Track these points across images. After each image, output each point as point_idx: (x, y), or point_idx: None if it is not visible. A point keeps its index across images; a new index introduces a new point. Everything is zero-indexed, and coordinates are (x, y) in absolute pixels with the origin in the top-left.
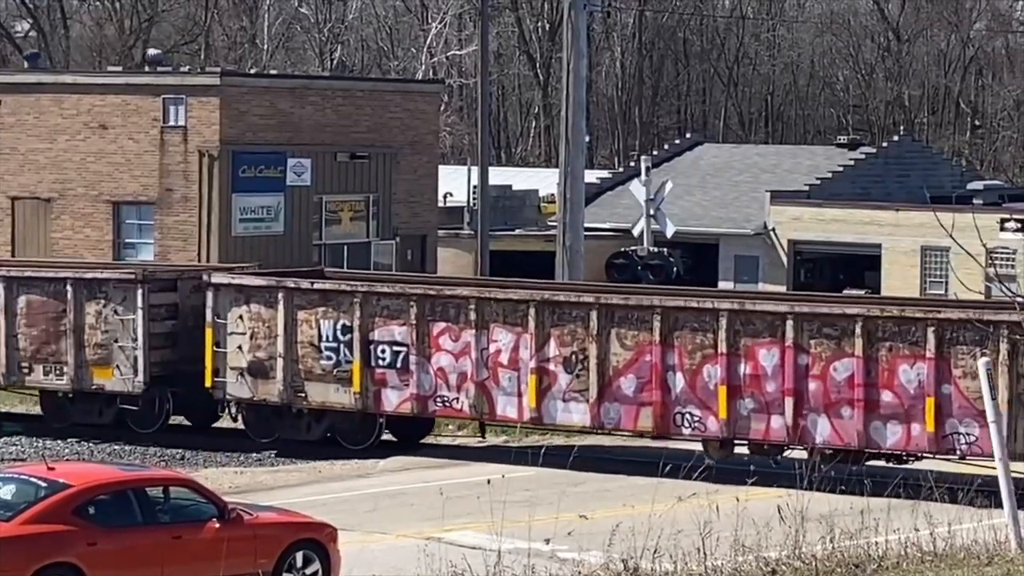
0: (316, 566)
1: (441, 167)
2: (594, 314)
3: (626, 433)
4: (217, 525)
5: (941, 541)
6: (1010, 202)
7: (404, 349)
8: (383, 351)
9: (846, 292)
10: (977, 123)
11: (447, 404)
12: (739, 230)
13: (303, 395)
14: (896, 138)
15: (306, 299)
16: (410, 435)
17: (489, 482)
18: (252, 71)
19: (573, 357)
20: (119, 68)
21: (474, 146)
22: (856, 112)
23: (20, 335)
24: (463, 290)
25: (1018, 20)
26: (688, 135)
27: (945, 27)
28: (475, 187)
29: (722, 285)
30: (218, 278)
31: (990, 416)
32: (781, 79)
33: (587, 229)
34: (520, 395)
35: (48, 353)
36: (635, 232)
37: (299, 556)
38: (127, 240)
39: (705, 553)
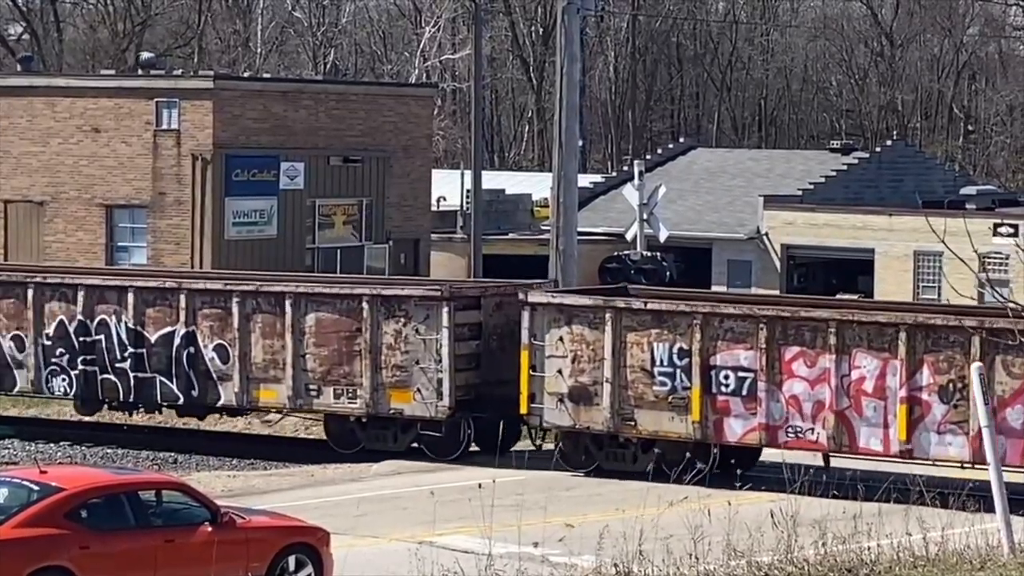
0: (308, 570)
1: (434, 171)
2: (976, 340)
3: (1013, 469)
4: (209, 529)
5: (934, 546)
6: (1003, 207)
7: (751, 375)
8: (726, 377)
9: (839, 297)
10: (970, 128)
11: (800, 435)
12: (732, 234)
13: (632, 423)
14: (889, 143)
15: (637, 320)
16: (744, 463)
17: (480, 486)
18: (245, 74)
19: (950, 386)
20: (112, 71)
21: (467, 150)
22: (849, 117)
23: (309, 355)
24: (821, 312)
25: (1011, 25)
26: (681, 139)
27: (938, 32)
28: (468, 191)
29: (715, 290)
30: (536, 296)
31: (983, 421)
32: (774, 84)
33: (580, 233)
34: (886, 426)
35: (340, 375)
36: (628, 236)
37: (291, 560)
38: (120, 244)
39: (697, 557)
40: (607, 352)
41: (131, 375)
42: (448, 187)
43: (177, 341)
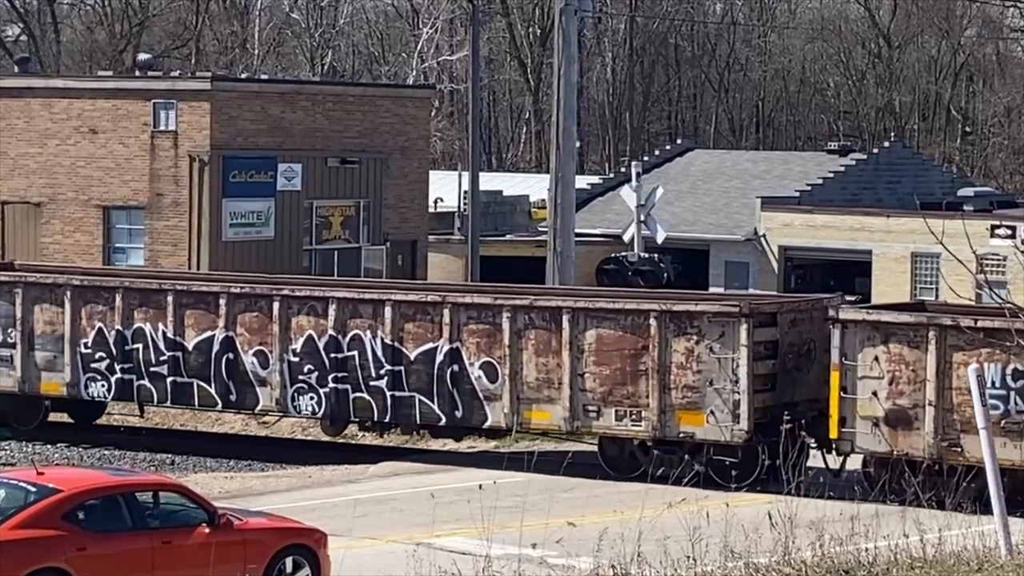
0: (306, 571)
1: (432, 172)
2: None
3: None
4: (207, 530)
5: (931, 547)
6: (1000, 208)
7: None
8: None
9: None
10: (968, 130)
11: None
12: (730, 236)
13: (957, 449)
14: (887, 144)
15: (965, 338)
16: None
17: (480, 487)
18: (243, 76)
19: None
20: (110, 72)
21: (465, 151)
22: (847, 118)
23: (588, 374)
24: None
25: (1009, 27)
26: (679, 141)
27: (936, 33)
28: (466, 192)
29: (712, 291)
30: (848, 313)
31: (980, 423)
32: (772, 85)
33: (578, 234)
34: None
35: (622, 395)
36: (626, 238)
37: (289, 561)
38: (117, 245)
39: (695, 559)
40: (930, 373)
41: (387, 394)
42: (445, 188)
43: (440, 358)
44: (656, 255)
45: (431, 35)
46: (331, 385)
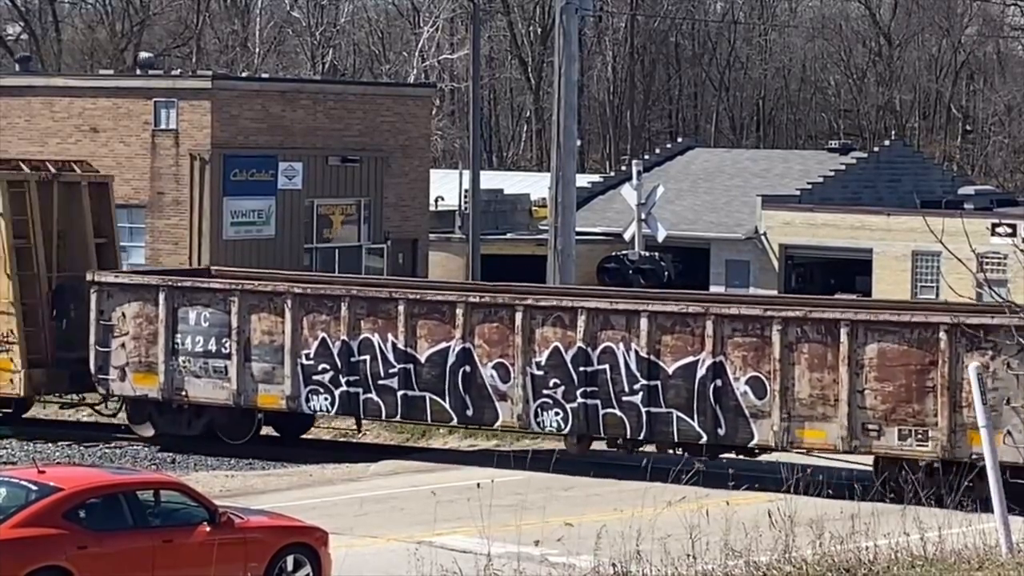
0: (307, 570)
1: (432, 171)
2: None
3: None
4: (208, 529)
5: (931, 546)
6: (1000, 207)
7: None
8: None
9: (838, 297)
10: (968, 128)
11: None
12: (730, 234)
13: None
14: (887, 143)
15: None
16: None
17: (479, 486)
18: (244, 75)
19: None
20: (110, 71)
21: (465, 150)
22: (847, 117)
23: (868, 391)
24: None
25: (1009, 25)
26: (679, 139)
27: (936, 32)
28: (466, 191)
29: (713, 290)
30: None
31: (981, 421)
32: (772, 83)
33: (578, 233)
34: None
35: (907, 414)
36: (626, 236)
37: (290, 560)
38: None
39: (695, 557)
40: None
41: (642, 410)
42: (446, 187)
43: (702, 372)
44: (657, 254)
45: (432, 34)
46: (579, 400)
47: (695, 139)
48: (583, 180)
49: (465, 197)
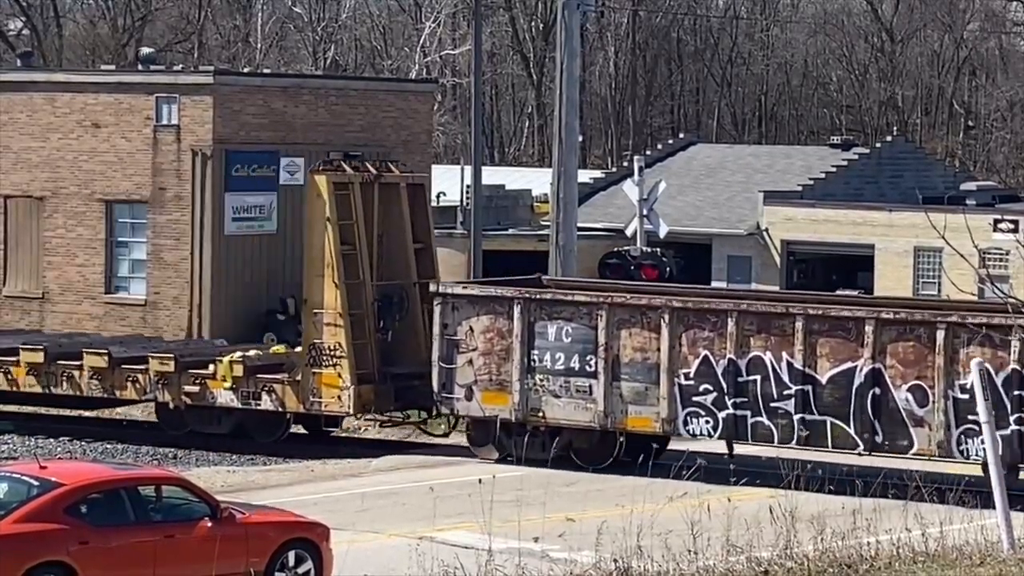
0: (308, 565)
1: (434, 167)
2: None
3: None
4: (209, 524)
5: (933, 541)
6: (1003, 203)
7: None
8: None
9: (839, 293)
10: (970, 124)
11: None
12: (732, 230)
13: None
14: (889, 139)
15: None
16: None
17: (480, 482)
18: (245, 70)
19: None
20: (112, 67)
21: (467, 146)
22: (849, 112)
23: None
24: None
25: (1012, 21)
26: (681, 135)
27: (939, 28)
28: (468, 187)
29: (715, 286)
30: None
31: (983, 417)
32: (774, 79)
33: (580, 229)
34: None
35: None
36: (628, 232)
37: (291, 555)
38: (120, 239)
39: (696, 553)
40: None
41: None
42: (448, 183)
43: None
44: (658, 250)
45: (433, 29)
46: (1012, 427)
47: (697, 135)
48: (585, 176)
49: (467, 193)
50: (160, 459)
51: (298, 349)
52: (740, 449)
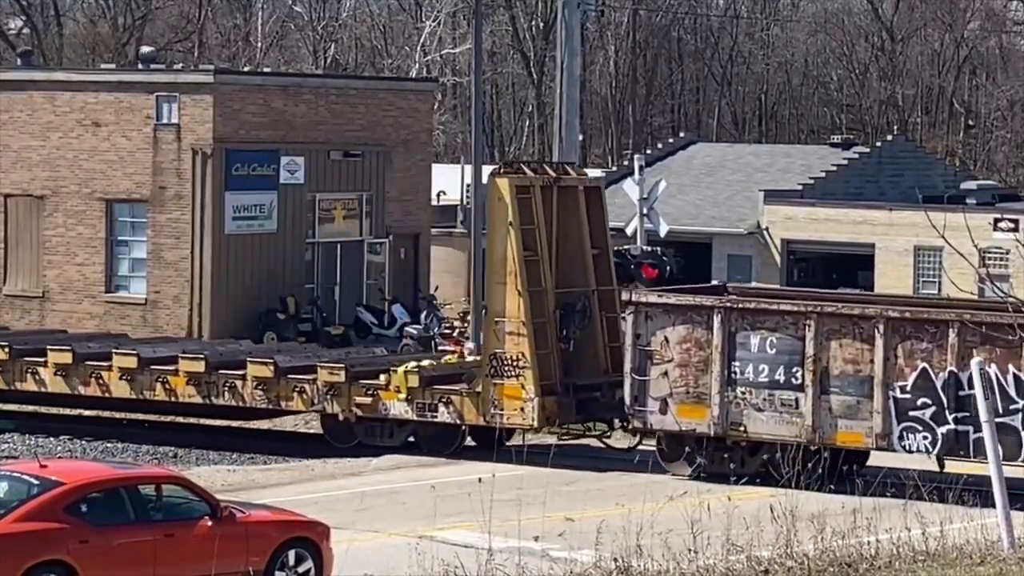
0: (308, 564)
1: (435, 165)
2: None
3: None
4: (209, 523)
5: (933, 541)
6: (1003, 202)
7: None
8: None
9: (840, 292)
10: (971, 123)
11: None
12: (732, 229)
13: None
14: (890, 138)
15: None
16: None
17: (480, 481)
18: (246, 69)
19: None
20: (112, 66)
21: (468, 144)
22: (850, 112)
23: None
24: None
25: (1012, 20)
26: (682, 134)
27: (939, 27)
28: (469, 185)
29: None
30: None
31: (983, 416)
32: (775, 78)
33: None
34: None
35: None
36: (628, 231)
37: (291, 554)
38: (120, 238)
39: (696, 552)
40: None
41: None
42: (448, 182)
43: None
44: (659, 248)
45: (434, 28)
46: None
47: (697, 134)
48: None
49: (467, 191)
50: (160, 458)
51: (469, 358)
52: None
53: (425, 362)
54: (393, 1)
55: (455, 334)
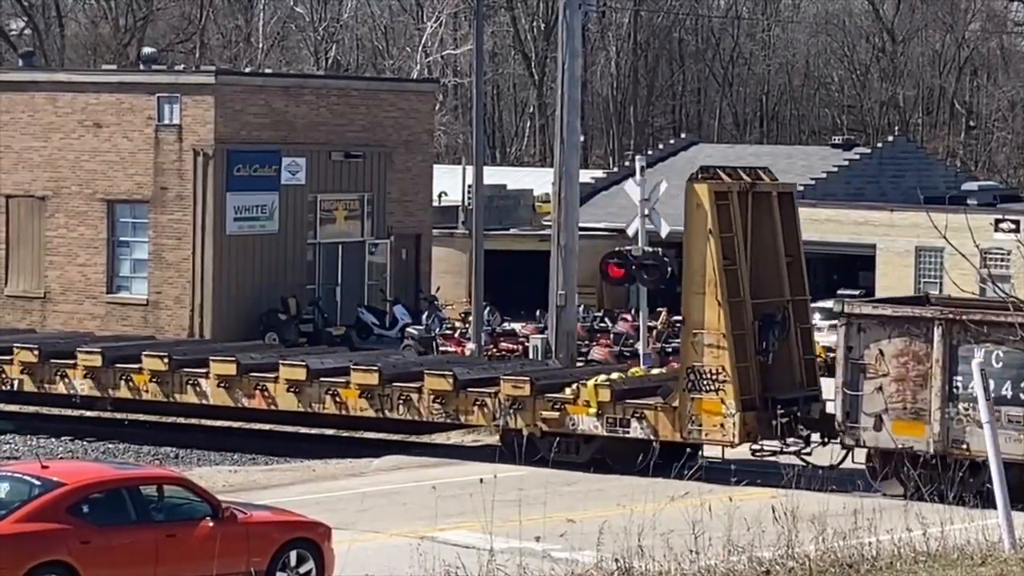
0: (310, 565)
1: (436, 166)
2: None
3: None
4: (211, 524)
5: (934, 541)
6: (1004, 203)
7: None
8: None
9: (841, 293)
10: (972, 124)
11: None
12: None
13: None
14: (891, 139)
15: None
16: None
17: (481, 481)
18: (247, 70)
19: None
20: (114, 66)
21: (469, 145)
22: (851, 112)
23: None
24: None
25: (1013, 21)
26: (683, 135)
27: (940, 28)
28: (470, 186)
29: None
30: None
31: (984, 416)
32: (776, 79)
33: (582, 229)
34: None
35: None
36: (630, 232)
37: (293, 555)
38: (121, 238)
39: (697, 553)
40: None
41: None
42: (449, 182)
43: None
44: (660, 250)
45: (435, 29)
46: None
47: (698, 135)
48: (586, 176)
49: (468, 192)
50: (161, 459)
51: (655, 371)
52: None
53: (614, 375)
54: (394, 2)
55: (456, 335)
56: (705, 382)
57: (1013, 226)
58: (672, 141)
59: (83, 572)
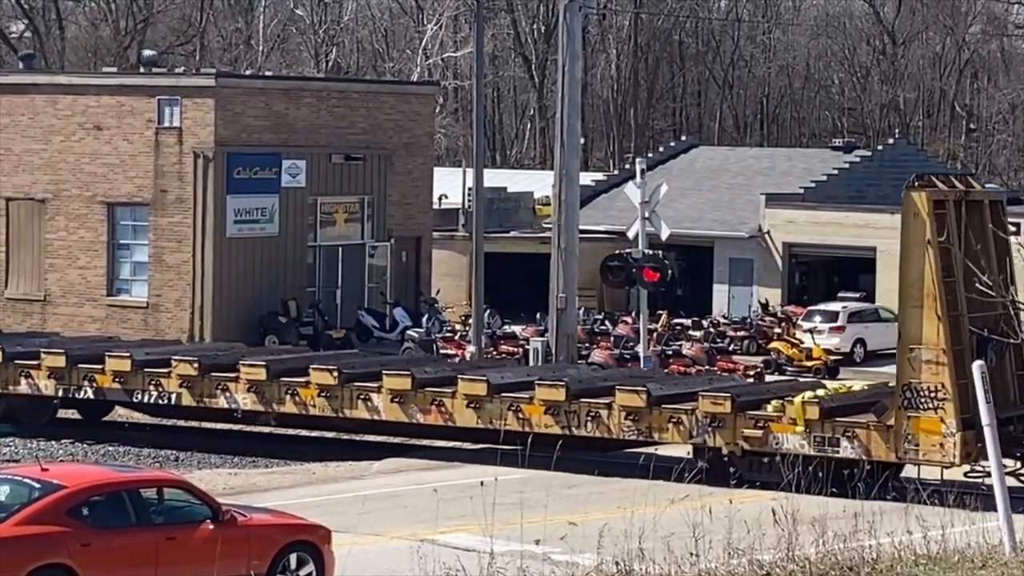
0: (310, 568)
1: (436, 169)
2: None
3: None
4: (211, 526)
5: (934, 544)
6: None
7: None
8: None
9: (841, 295)
10: (972, 126)
11: None
12: (734, 233)
13: None
14: (891, 141)
15: None
16: None
17: (482, 484)
18: (247, 72)
19: None
20: (114, 69)
21: (469, 148)
22: (851, 115)
23: None
24: None
25: (1013, 23)
26: (683, 137)
27: (940, 30)
28: (470, 189)
29: (717, 288)
30: None
31: (985, 420)
32: (776, 82)
33: (582, 231)
34: None
35: None
36: (630, 234)
37: (293, 558)
38: (121, 241)
39: (698, 555)
40: None
41: None
42: (450, 185)
43: None
44: (660, 252)
45: (435, 32)
46: None
47: (699, 137)
48: (586, 178)
49: (468, 195)
50: (161, 461)
51: (855, 385)
52: None
53: (820, 391)
54: (395, 4)
55: (457, 337)
56: (923, 400)
57: (1013, 229)
58: (672, 144)
59: (83, 575)
